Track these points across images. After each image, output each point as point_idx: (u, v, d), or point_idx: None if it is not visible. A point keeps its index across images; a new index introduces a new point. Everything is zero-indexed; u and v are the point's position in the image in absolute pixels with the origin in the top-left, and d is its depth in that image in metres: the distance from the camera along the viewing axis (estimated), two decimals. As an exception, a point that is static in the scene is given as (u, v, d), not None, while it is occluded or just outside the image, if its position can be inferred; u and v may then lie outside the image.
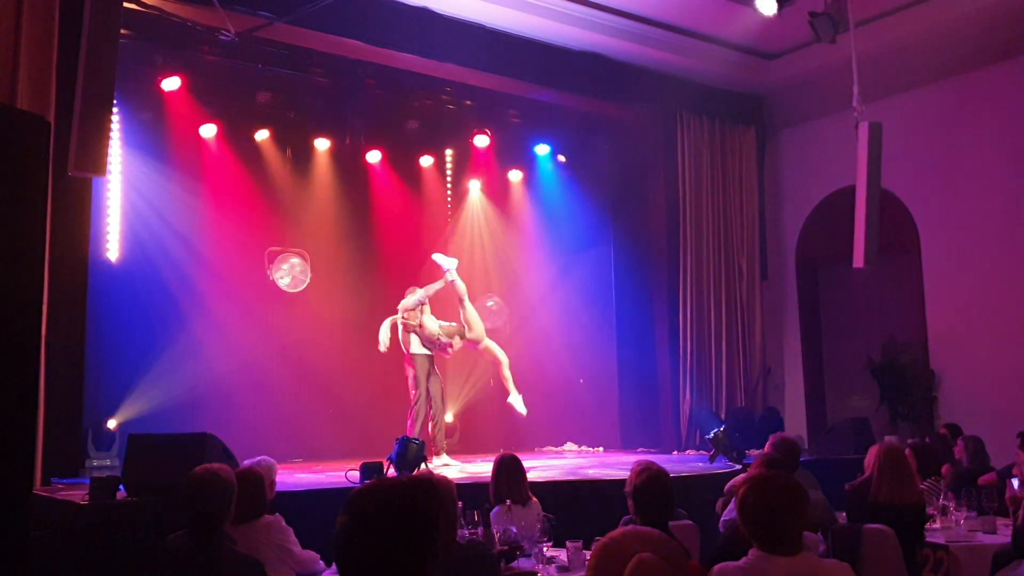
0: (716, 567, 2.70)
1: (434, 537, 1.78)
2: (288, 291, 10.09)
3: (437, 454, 8.01)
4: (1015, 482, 5.12)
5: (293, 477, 6.78)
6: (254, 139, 9.89)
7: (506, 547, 4.12)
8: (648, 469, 3.92)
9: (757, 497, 2.68)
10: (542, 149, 11.46)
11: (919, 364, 9.53)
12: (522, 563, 4.08)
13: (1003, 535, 4.59)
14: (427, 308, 8.35)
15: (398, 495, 1.80)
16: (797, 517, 2.66)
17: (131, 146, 9.00)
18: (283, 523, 4.14)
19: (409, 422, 8.02)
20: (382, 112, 10.25)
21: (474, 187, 11.63)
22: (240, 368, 9.33)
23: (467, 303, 8.46)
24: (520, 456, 5.14)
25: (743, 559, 2.68)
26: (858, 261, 8.08)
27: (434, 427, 8.13)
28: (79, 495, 5.29)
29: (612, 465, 8.04)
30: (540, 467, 7.82)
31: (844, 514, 4.88)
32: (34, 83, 6.36)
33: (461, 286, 8.46)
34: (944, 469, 6.06)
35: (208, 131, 9.55)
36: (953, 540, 4.61)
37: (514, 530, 4.24)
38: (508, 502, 4.72)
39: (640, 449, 10.34)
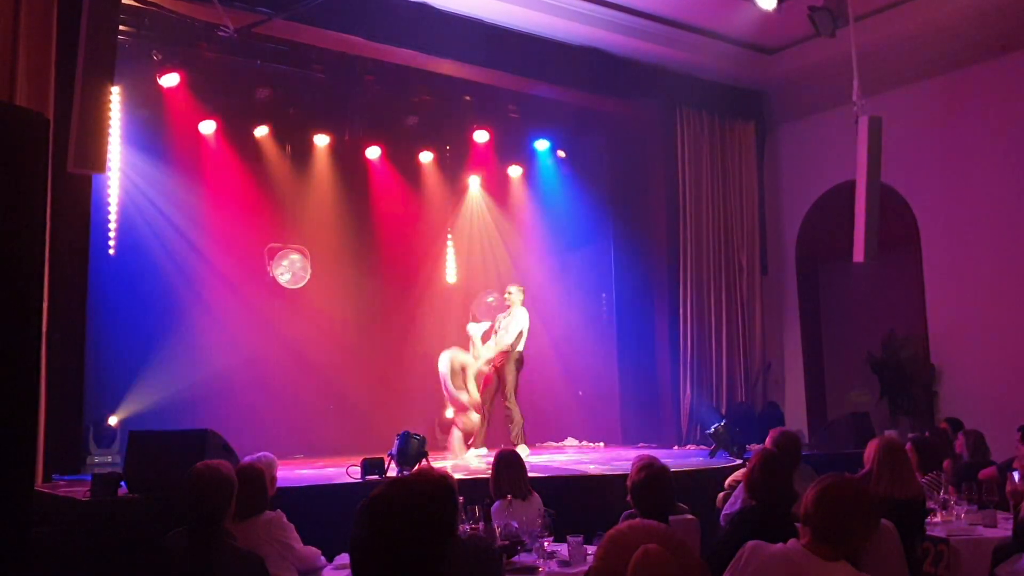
0: (750, 543, 2.67)
1: (449, 539, 1.79)
2: (288, 287, 10.11)
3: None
4: (1016, 476, 5.13)
5: (294, 473, 6.78)
6: (253, 135, 9.89)
7: (507, 542, 4.12)
8: (649, 465, 3.92)
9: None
10: (541, 144, 11.45)
11: (919, 358, 9.53)
12: (523, 558, 4.08)
13: (1003, 528, 4.61)
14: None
15: (416, 499, 1.80)
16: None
17: (130, 143, 8.99)
18: (284, 519, 4.13)
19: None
20: (381, 108, 10.24)
21: (473, 183, 11.62)
22: (240, 364, 9.34)
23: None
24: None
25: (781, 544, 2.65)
26: (858, 255, 8.07)
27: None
28: (80, 492, 5.28)
29: (613, 460, 8.04)
30: (541, 462, 7.82)
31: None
32: (33, 80, 6.35)
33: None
34: (945, 463, 6.07)
35: (207, 127, 9.54)
36: (954, 534, 4.62)
37: (515, 525, 4.24)
38: (509, 497, 4.73)
39: (641, 444, 10.33)
